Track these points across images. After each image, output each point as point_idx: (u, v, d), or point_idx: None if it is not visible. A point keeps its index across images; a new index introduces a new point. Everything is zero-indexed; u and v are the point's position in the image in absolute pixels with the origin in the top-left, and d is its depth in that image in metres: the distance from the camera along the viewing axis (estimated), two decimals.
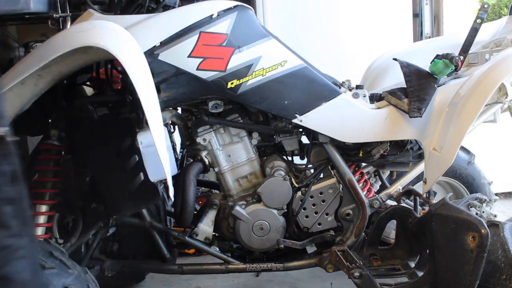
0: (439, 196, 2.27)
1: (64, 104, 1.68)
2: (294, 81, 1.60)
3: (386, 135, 1.67)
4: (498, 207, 2.56)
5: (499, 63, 1.55)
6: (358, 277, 1.54)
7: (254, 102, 1.60)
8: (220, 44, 1.51)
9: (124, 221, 1.76)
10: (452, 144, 1.51)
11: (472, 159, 2.25)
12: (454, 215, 1.43)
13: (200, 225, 1.75)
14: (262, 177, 1.74)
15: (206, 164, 1.71)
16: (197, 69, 1.52)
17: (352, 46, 3.13)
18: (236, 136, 1.72)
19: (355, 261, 1.58)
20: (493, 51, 1.77)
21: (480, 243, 1.32)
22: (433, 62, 1.67)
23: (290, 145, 1.76)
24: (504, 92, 1.61)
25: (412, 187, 1.84)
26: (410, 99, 1.61)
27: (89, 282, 1.41)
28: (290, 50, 1.62)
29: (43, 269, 1.30)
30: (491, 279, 1.40)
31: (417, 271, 1.68)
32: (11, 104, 1.35)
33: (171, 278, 2.35)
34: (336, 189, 1.74)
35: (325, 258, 1.72)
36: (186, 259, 2.49)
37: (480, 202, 1.79)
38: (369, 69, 2.30)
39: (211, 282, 2.32)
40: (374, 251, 1.77)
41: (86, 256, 1.73)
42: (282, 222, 1.72)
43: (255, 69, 1.55)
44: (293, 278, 2.32)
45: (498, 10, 6.38)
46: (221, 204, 1.77)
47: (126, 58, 1.28)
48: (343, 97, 1.64)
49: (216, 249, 1.79)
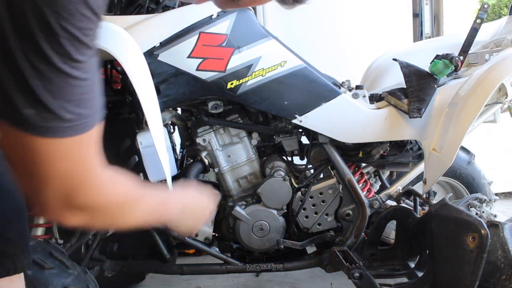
0: (439, 196, 2.27)
1: None
2: (294, 81, 1.60)
3: (386, 136, 1.67)
4: (498, 207, 2.56)
5: (499, 63, 1.55)
6: (358, 278, 1.55)
7: (254, 102, 1.60)
8: (220, 45, 1.51)
9: None
10: (452, 144, 1.51)
11: (472, 159, 2.25)
12: (454, 216, 1.43)
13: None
14: (262, 177, 1.74)
15: (206, 165, 1.71)
16: (197, 70, 1.52)
17: (352, 46, 3.13)
18: (236, 136, 1.72)
19: (355, 262, 1.58)
20: (493, 51, 1.77)
21: (480, 244, 1.32)
22: (433, 63, 1.67)
23: (290, 146, 1.76)
24: (504, 92, 1.61)
25: (412, 187, 1.84)
26: (410, 99, 1.61)
27: (89, 282, 1.41)
28: (290, 51, 1.62)
29: (43, 269, 1.30)
30: (491, 279, 1.40)
31: (417, 272, 1.68)
32: None
33: (171, 278, 2.35)
34: (336, 189, 1.74)
35: (325, 258, 1.72)
36: (186, 259, 2.49)
37: (480, 202, 1.79)
38: (369, 69, 2.29)
39: (211, 282, 2.32)
40: (374, 252, 1.77)
41: (86, 256, 1.72)
42: (282, 222, 1.73)
43: (255, 70, 1.55)
44: (293, 278, 2.32)
45: (498, 10, 6.38)
46: (221, 204, 1.77)
47: (126, 58, 1.28)
48: (343, 98, 1.64)
49: (216, 249, 1.79)
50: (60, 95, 0.59)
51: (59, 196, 0.65)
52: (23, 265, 1.01)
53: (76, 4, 0.57)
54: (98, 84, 0.65)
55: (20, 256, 1.01)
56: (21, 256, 1.01)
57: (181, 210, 0.94)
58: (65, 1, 0.56)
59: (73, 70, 0.59)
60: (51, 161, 0.63)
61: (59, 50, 0.57)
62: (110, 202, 0.73)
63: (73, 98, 0.61)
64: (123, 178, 0.76)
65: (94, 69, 0.63)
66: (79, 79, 0.60)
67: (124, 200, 0.75)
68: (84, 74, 0.61)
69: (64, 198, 0.66)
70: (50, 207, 0.66)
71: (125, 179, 0.77)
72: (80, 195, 0.67)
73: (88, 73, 0.61)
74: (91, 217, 0.70)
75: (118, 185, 0.75)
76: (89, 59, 0.61)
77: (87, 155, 0.67)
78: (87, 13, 0.59)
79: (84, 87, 0.61)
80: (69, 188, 0.65)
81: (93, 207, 0.69)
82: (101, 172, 0.70)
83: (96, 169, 0.69)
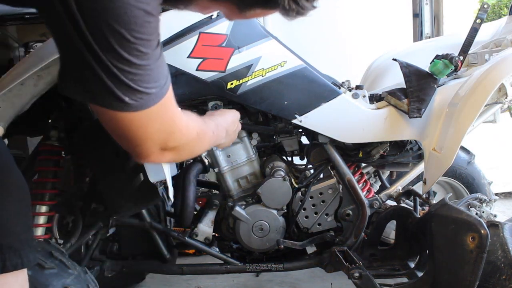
0: (439, 196, 2.27)
1: (64, 105, 1.68)
2: (293, 81, 1.60)
3: (386, 136, 1.67)
4: (498, 207, 2.56)
5: (499, 63, 1.55)
6: (357, 278, 1.55)
7: (254, 102, 1.60)
8: (220, 45, 1.51)
9: (124, 221, 1.76)
10: (452, 145, 1.51)
11: (472, 159, 2.25)
12: (454, 216, 1.43)
13: (200, 225, 1.75)
14: (262, 177, 1.74)
15: (206, 165, 1.71)
16: (197, 70, 1.52)
17: (352, 46, 3.13)
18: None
19: (355, 262, 1.58)
20: (492, 51, 1.77)
21: (479, 244, 1.32)
22: (432, 63, 1.67)
23: (290, 146, 1.76)
24: (504, 92, 1.60)
25: (412, 188, 1.84)
26: (409, 99, 1.61)
27: (89, 283, 1.41)
28: (290, 51, 1.62)
29: (43, 269, 1.30)
30: (491, 279, 1.40)
31: (417, 272, 1.68)
32: (10, 105, 1.35)
33: (171, 278, 2.35)
34: (336, 189, 1.74)
35: (325, 258, 1.72)
36: (186, 259, 2.49)
37: (480, 202, 1.79)
38: (369, 69, 2.30)
39: (211, 282, 2.32)
40: (374, 252, 1.77)
41: (86, 257, 1.73)
42: (282, 222, 1.73)
43: (254, 70, 1.55)
44: (293, 278, 2.32)
45: (498, 10, 6.38)
46: (221, 204, 1.77)
47: None
48: (343, 98, 1.64)
49: (216, 249, 1.79)
50: (144, 79, 0.80)
51: (156, 146, 0.89)
52: (29, 260, 1.03)
53: (141, 17, 0.76)
54: (163, 59, 0.84)
55: (27, 251, 1.02)
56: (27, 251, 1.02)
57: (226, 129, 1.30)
58: (132, 18, 0.75)
59: (144, 61, 0.79)
60: (148, 125, 0.85)
61: (135, 53, 0.77)
62: (191, 139, 0.99)
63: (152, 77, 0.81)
64: (192, 117, 1.03)
65: (159, 51, 0.82)
66: (152, 65, 0.80)
67: (197, 135, 1.02)
68: (151, 60, 0.80)
69: (160, 145, 0.89)
70: (150, 154, 0.89)
71: (192, 117, 1.04)
72: (171, 140, 0.91)
73: (155, 57, 0.81)
74: (178, 153, 0.96)
75: (192, 124, 1.01)
76: (155, 48, 0.80)
77: (170, 110, 0.90)
78: (150, 19, 0.78)
79: (156, 68, 0.82)
80: (163, 138, 0.89)
81: (180, 145, 0.95)
82: (181, 118, 0.95)
83: (178, 118, 0.93)
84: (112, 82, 0.78)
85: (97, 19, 0.74)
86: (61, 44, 0.79)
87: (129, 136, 0.86)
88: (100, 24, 0.74)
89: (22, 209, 1.04)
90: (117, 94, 0.79)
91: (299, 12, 0.94)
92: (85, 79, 0.78)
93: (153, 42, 0.80)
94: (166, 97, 0.86)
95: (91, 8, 0.73)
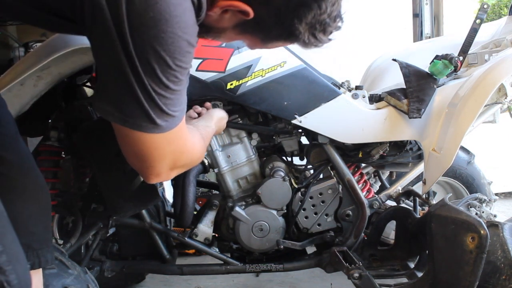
0: (439, 196, 2.27)
1: (64, 105, 1.68)
2: (293, 82, 1.60)
3: (386, 136, 1.67)
4: (498, 207, 2.56)
5: (498, 63, 1.55)
6: (357, 278, 1.55)
7: (254, 103, 1.60)
8: (220, 45, 1.51)
9: (124, 221, 1.76)
10: (451, 145, 1.51)
11: (472, 159, 2.25)
12: (453, 216, 1.43)
13: (200, 225, 1.75)
14: (261, 178, 1.74)
15: (205, 165, 1.71)
16: (197, 70, 1.52)
17: (352, 46, 3.12)
18: (236, 137, 1.72)
19: (355, 262, 1.58)
20: (492, 52, 1.77)
21: (479, 244, 1.32)
22: (432, 63, 1.67)
23: (290, 146, 1.76)
24: (504, 93, 1.61)
25: (411, 188, 1.84)
26: (409, 99, 1.61)
27: (89, 283, 1.42)
28: (289, 51, 1.62)
29: (43, 269, 1.30)
30: (491, 279, 1.40)
31: (417, 272, 1.68)
32: (10, 105, 1.35)
33: (171, 278, 2.35)
34: (335, 189, 1.74)
35: (324, 258, 1.72)
36: (186, 259, 2.49)
37: (480, 202, 1.79)
38: (368, 70, 2.30)
39: (211, 282, 2.32)
40: (374, 252, 1.77)
41: (86, 257, 1.73)
42: (281, 222, 1.73)
43: (254, 70, 1.55)
44: (293, 278, 2.32)
45: (498, 10, 6.38)
46: (221, 204, 1.77)
47: None
48: (343, 98, 1.64)
49: (216, 249, 1.80)
50: (174, 103, 0.87)
51: (167, 166, 0.94)
52: (47, 260, 1.04)
53: (185, 47, 0.83)
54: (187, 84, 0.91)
55: (45, 250, 1.03)
56: (45, 250, 1.03)
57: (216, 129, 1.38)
58: (177, 47, 0.81)
59: (178, 87, 0.86)
60: (165, 146, 0.90)
61: (173, 79, 0.84)
62: (196, 156, 1.07)
63: (179, 102, 0.88)
64: (194, 133, 1.10)
65: (188, 78, 0.89)
66: (182, 90, 0.88)
67: (201, 150, 1.10)
68: (182, 86, 0.88)
69: (170, 166, 0.95)
70: (160, 174, 0.94)
71: (194, 133, 1.11)
72: (181, 160, 0.97)
73: (186, 83, 0.89)
74: (182, 170, 1.01)
75: (197, 142, 1.08)
76: (187, 75, 0.88)
77: (184, 133, 0.96)
78: (191, 49, 0.85)
79: (182, 94, 0.89)
80: (175, 158, 0.95)
81: (186, 164, 1.02)
82: (190, 139, 1.01)
83: (189, 140, 1.00)
84: (149, 105, 0.83)
85: (146, 45, 0.79)
86: (107, 67, 0.84)
87: (145, 156, 0.90)
88: (148, 50, 0.79)
89: (42, 210, 1.06)
90: (152, 116, 0.84)
91: (317, 45, 0.99)
92: (124, 102, 0.83)
93: (188, 70, 0.87)
94: (183, 120, 0.92)
95: (143, 35, 0.79)
